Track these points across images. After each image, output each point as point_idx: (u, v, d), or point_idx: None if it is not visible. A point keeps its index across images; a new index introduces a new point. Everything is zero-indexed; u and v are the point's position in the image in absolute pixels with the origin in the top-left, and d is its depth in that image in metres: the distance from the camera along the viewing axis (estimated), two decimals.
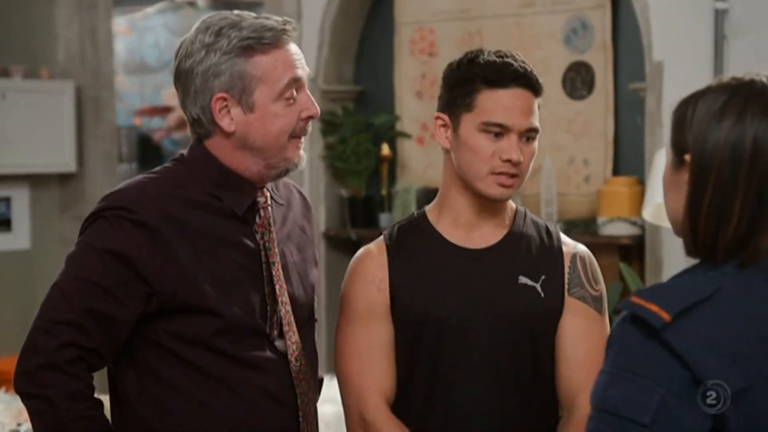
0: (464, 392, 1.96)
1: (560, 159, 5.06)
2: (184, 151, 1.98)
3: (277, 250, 1.95)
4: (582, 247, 2.07)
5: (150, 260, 1.85)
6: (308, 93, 1.93)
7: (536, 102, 1.98)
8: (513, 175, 1.95)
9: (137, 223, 1.84)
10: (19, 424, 3.58)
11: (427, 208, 2.07)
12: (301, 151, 1.94)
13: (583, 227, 4.80)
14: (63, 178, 5.46)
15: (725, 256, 1.42)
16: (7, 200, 5.35)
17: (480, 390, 1.95)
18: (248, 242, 1.92)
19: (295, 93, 1.90)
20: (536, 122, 1.97)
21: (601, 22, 4.94)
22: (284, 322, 1.93)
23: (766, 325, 1.38)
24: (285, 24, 1.90)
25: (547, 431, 1.99)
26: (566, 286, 2.00)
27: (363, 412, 2.00)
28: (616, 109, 4.96)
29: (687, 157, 1.44)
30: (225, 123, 1.89)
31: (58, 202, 5.49)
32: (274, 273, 1.93)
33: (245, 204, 1.93)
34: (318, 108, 1.93)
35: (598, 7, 4.95)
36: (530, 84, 1.97)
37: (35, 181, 5.39)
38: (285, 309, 1.94)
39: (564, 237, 2.07)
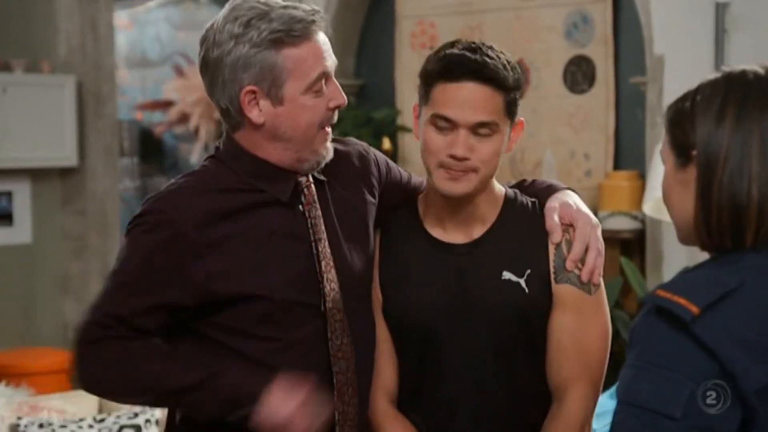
0: (450, 391, 1.93)
1: (561, 153, 5.06)
2: (219, 145, 1.99)
3: (323, 227, 1.95)
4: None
5: (186, 261, 1.86)
6: (335, 82, 1.92)
7: (500, 97, 1.87)
8: (467, 170, 1.87)
9: (173, 224, 1.85)
10: (19, 418, 3.58)
11: (419, 198, 2.04)
12: (329, 144, 1.94)
13: None
14: (64, 172, 5.46)
15: (757, 242, 1.41)
16: (8, 194, 5.35)
17: (465, 388, 1.93)
18: (295, 224, 1.93)
19: (323, 84, 1.90)
20: (491, 117, 1.86)
21: (602, 16, 4.94)
22: (328, 299, 1.92)
23: None
24: (314, 14, 1.89)
25: (539, 423, 1.94)
26: (552, 275, 1.92)
27: (368, 411, 1.99)
28: (617, 103, 4.96)
29: (693, 153, 1.44)
30: (254, 115, 1.89)
31: (59, 196, 5.49)
32: (320, 250, 1.93)
33: (289, 189, 1.93)
34: (345, 97, 1.93)
35: (599, 0, 4.95)
36: (487, 77, 1.85)
37: (36, 175, 5.40)
38: (330, 286, 1.92)
39: None
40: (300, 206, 1.94)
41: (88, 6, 5.43)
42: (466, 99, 1.85)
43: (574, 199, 2.00)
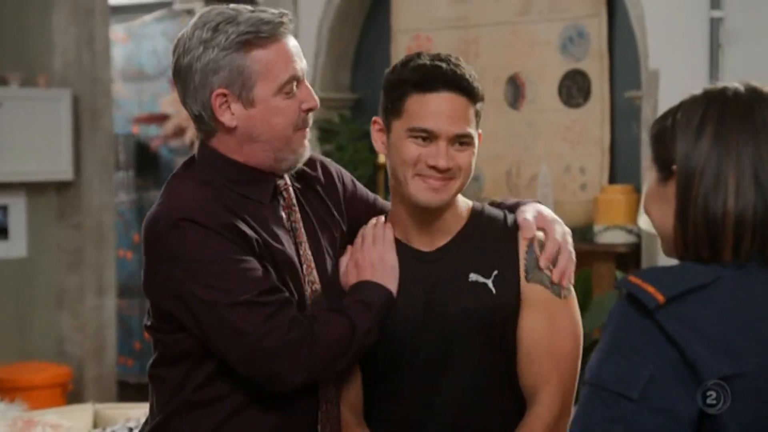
0: (420, 400, 1.92)
1: (557, 167, 5.06)
2: (195, 154, 1.99)
3: (303, 230, 1.96)
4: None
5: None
6: (307, 85, 1.93)
7: (472, 108, 1.88)
8: (447, 180, 1.88)
9: (208, 228, 1.84)
10: None
11: (389, 212, 2.03)
12: (306, 142, 1.95)
13: (579, 235, 4.80)
14: (60, 186, 5.46)
15: (740, 257, 1.43)
16: (3, 208, 5.34)
17: (436, 396, 1.92)
18: (279, 226, 1.94)
19: (294, 86, 1.90)
20: (468, 128, 1.87)
21: (597, 30, 4.96)
22: (308, 303, 1.93)
23: (759, 319, 1.40)
24: (281, 17, 1.90)
25: (513, 427, 1.93)
26: (522, 274, 1.91)
27: None
28: (612, 117, 4.97)
29: (674, 168, 1.46)
30: (226, 119, 1.89)
31: (55, 209, 5.49)
32: (301, 253, 1.94)
33: (269, 191, 1.94)
34: (317, 100, 1.93)
35: (594, 15, 4.96)
36: (461, 88, 1.86)
37: (32, 188, 5.39)
38: (311, 288, 1.94)
39: None
40: (280, 209, 1.95)
41: (85, 20, 5.44)
42: (445, 110, 1.86)
43: (546, 209, 2.02)
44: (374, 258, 1.93)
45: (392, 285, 1.92)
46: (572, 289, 1.96)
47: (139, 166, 7.05)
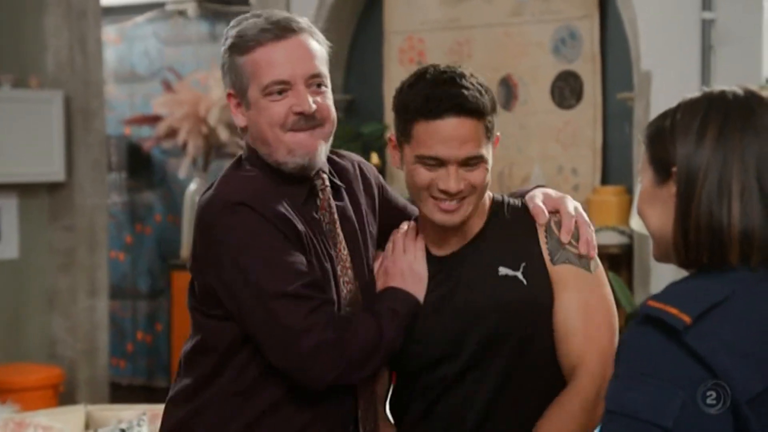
0: (459, 402, 1.93)
1: (549, 168, 5.07)
2: (243, 153, 2.02)
3: (339, 231, 1.97)
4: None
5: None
6: (303, 89, 1.93)
7: (481, 125, 1.86)
8: (461, 200, 1.88)
9: (264, 217, 1.86)
10: None
11: (418, 216, 2.04)
12: (306, 142, 1.93)
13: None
14: (52, 188, 5.45)
15: (749, 262, 1.42)
16: None
17: (477, 390, 1.92)
18: (314, 226, 1.94)
19: (281, 90, 1.92)
20: (478, 149, 1.85)
21: (590, 32, 4.97)
22: (343, 302, 1.94)
23: None
24: (278, 21, 1.93)
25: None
26: (548, 259, 1.92)
27: None
28: (604, 118, 4.98)
29: (674, 169, 1.45)
30: (239, 119, 1.97)
31: (46, 211, 5.48)
32: (337, 253, 1.95)
33: (303, 193, 1.95)
34: (310, 104, 1.92)
35: (587, 16, 4.97)
36: (467, 110, 1.83)
37: (24, 190, 5.38)
38: (347, 288, 1.95)
39: None
40: (317, 210, 1.96)
41: (77, 22, 5.43)
42: (451, 135, 1.84)
43: (550, 189, 2.05)
44: (404, 267, 1.95)
45: (420, 294, 1.94)
46: (599, 260, 1.97)
47: (132, 168, 7.04)
